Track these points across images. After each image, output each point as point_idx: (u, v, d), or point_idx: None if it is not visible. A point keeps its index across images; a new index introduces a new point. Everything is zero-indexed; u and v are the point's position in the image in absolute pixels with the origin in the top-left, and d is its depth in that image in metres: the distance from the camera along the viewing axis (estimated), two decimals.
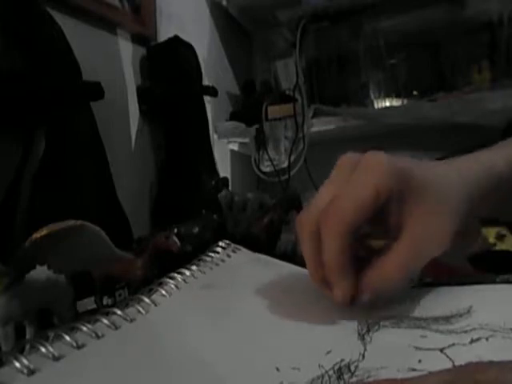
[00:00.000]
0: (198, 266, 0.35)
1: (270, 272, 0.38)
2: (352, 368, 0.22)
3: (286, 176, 1.16)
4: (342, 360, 0.23)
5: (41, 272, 0.37)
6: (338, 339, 0.26)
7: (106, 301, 0.41)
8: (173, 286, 0.31)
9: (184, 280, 0.32)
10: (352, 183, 0.28)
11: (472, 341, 0.24)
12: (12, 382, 0.19)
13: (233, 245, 0.41)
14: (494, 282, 0.31)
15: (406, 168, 0.29)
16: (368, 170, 0.29)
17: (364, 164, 0.29)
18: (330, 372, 0.22)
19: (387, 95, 1.17)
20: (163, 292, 0.30)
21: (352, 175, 0.29)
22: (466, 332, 0.25)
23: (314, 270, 0.29)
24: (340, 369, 0.22)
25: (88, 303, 0.40)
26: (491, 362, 0.18)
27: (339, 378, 0.21)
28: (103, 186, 0.71)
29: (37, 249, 0.37)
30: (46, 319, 0.37)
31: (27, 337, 0.36)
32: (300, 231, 0.30)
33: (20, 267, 0.36)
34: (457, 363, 0.21)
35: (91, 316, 0.25)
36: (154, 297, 0.29)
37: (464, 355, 0.22)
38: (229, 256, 0.39)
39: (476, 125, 1.00)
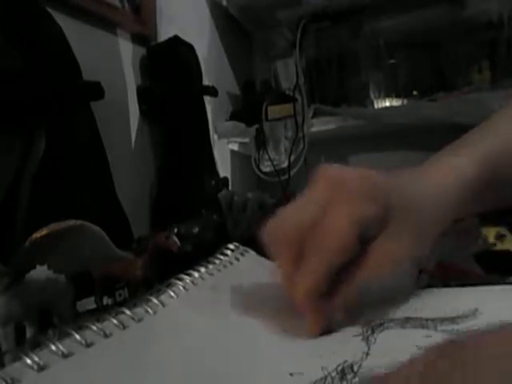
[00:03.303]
0: (206, 267, 0.35)
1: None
2: (355, 368, 0.22)
3: (286, 176, 1.16)
4: (345, 361, 0.23)
5: (41, 272, 0.37)
6: (342, 341, 0.26)
7: (105, 301, 0.41)
8: (181, 287, 0.31)
9: (192, 282, 0.32)
10: (336, 211, 0.28)
11: None
12: (22, 378, 0.20)
13: (242, 247, 0.41)
14: (503, 283, 0.31)
15: (385, 189, 0.29)
16: (351, 198, 0.28)
17: (346, 188, 0.29)
18: (333, 373, 0.22)
19: (387, 95, 1.17)
20: (171, 293, 0.30)
21: (335, 197, 0.29)
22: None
23: (292, 288, 0.29)
24: (343, 369, 0.22)
25: (88, 303, 0.40)
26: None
27: (342, 378, 0.21)
28: (103, 186, 0.71)
29: (37, 249, 0.37)
30: (46, 319, 0.37)
31: (27, 337, 0.36)
32: (277, 244, 0.30)
33: (20, 267, 0.36)
34: None
35: (100, 315, 0.25)
36: (162, 297, 0.29)
37: None
38: (237, 259, 0.39)
39: (476, 125, 1.00)
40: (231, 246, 0.40)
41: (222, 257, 0.38)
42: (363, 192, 0.28)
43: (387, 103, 1.17)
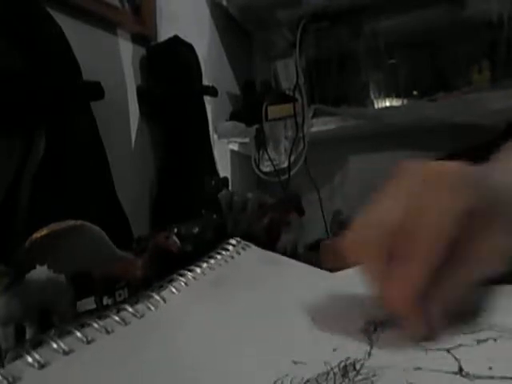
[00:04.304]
0: (207, 262, 0.35)
1: (278, 269, 0.38)
2: (357, 366, 0.22)
3: (286, 176, 1.16)
4: (347, 358, 0.23)
5: (41, 272, 0.37)
6: (345, 337, 0.26)
7: (106, 301, 0.41)
8: (182, 282, 0.31)
9: (193, 277, 0.33)
10: (431, 207, 0.26)
11: (480, 341, 0.23)
12: (23, 375, 0.20)
13: (243, 242, 0.41)
14: (507, 282, 0.31)
15: (483, 186, 0.27)
16: (447, 191, 0.26)
17: (440, 182, 0.27)
18: (336, 369, 0.22)
19: (387, 95, 1.17)
20: (172, 289, 0.30)
21: (426, 192, 0.27)
22: (474, 332, 0.24)
23: (388, 290, 0.26)
24: (345, 366, 0.22)
25: (88, 303, 0.40)
26: None
27: (344, 375, 0.21)
28: (103, 186, 0.71)
29: (37, 249, 0.36)
30: (46, 319, 0.37)
31: (27, 337, 0.36)
32: (366, 247, 0.27)
33: (20, 267, 0.36)
34: (463, 363, 0.21)
35: (102, 312, 0.25)
36: (163, 293, 0.29)
37: (471, 356, 0.22)
38: (238, 253, 0.39)
39: (476, 125, 1.00)
40: (233, 241, 0.40)
41: (223, 252, 0.38)
42: (459, 186, 0.26)
43: (387, 103, 1.17)
